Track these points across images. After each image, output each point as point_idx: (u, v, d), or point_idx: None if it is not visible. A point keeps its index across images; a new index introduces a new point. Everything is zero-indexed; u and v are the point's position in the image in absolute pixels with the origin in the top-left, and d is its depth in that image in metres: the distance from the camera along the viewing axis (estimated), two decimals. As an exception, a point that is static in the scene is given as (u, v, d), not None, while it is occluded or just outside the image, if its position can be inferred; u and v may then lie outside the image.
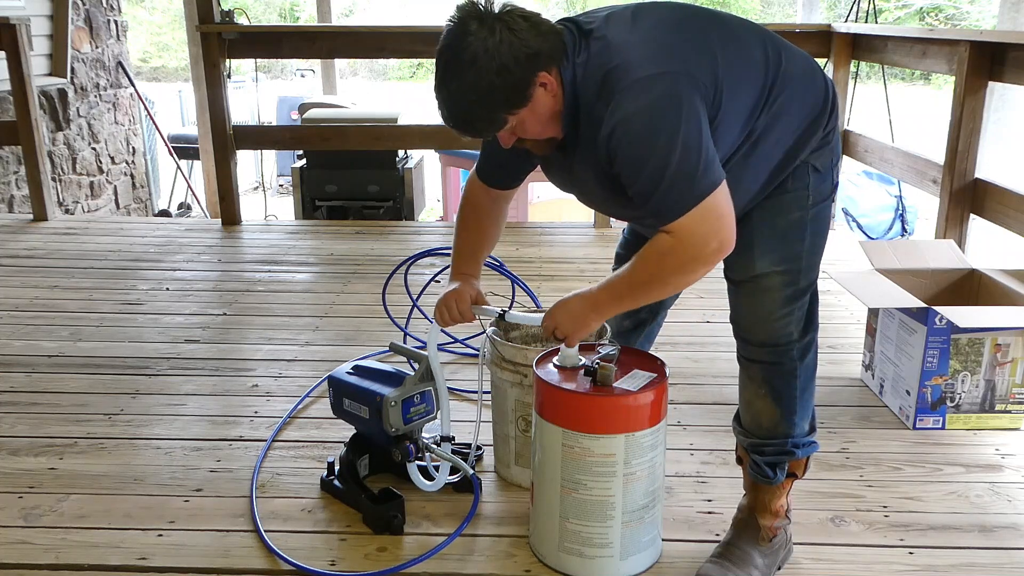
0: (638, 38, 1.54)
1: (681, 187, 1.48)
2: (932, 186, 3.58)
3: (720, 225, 1.51)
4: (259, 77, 6.48)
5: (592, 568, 1.77)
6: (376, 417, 1.93)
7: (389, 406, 1.90)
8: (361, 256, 4.16)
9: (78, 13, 6.22)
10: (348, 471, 2.05)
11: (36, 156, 4.63)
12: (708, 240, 1.51)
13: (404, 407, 1.92)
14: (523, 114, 1.57)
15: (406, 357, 2.13)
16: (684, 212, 1.49)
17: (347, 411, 2.04)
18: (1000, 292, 2.59)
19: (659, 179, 1.48)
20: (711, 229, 1.51)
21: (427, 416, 1.98)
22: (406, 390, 1.93)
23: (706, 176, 1.48)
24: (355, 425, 2.08)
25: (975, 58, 3.27)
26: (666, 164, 1.47)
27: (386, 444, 1.97)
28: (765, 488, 1.80)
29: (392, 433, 1.92)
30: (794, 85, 1.61)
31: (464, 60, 1.52)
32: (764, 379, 1.73)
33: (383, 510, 1.94)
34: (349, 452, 2.07)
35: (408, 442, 1.93)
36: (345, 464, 2.06)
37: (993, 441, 2.37)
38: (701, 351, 2.97)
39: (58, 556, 1.86)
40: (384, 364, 2.11)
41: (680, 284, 1.62)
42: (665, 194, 1.49)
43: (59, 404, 2.58)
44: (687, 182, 1.48)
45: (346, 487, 2.05)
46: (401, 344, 2.15)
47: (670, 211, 1.50)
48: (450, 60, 1.54)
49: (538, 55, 1.53)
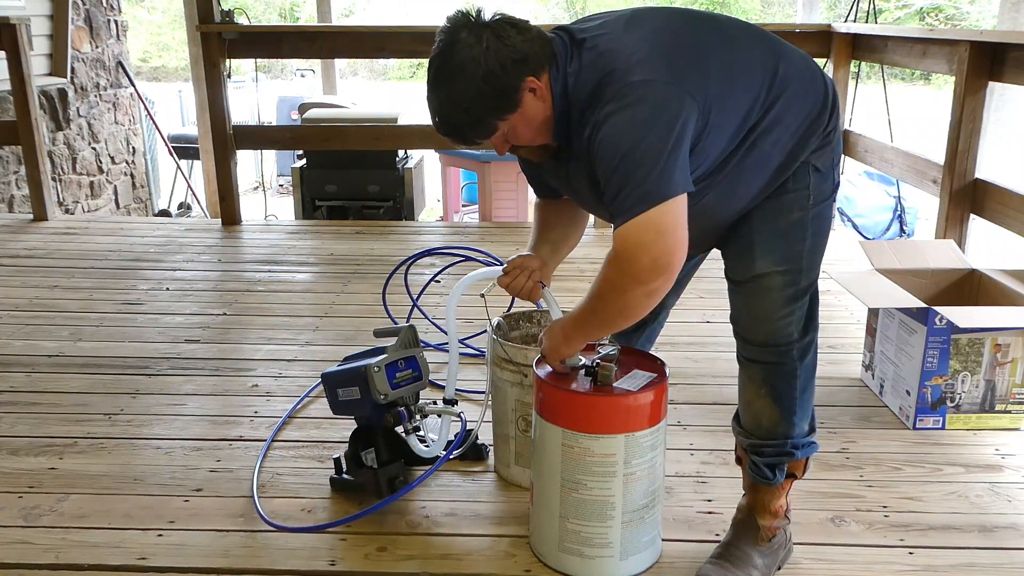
0: (631, 46, 1.55)
1: (631, 190, 1.48)
2: (932, 186, 3.58)
3: (657, 240, 1.46)
4: (259, 77, 6.48)
5: (592, 568, 1.77)
6: (366, 392, 1.94)
7: (373, 372, 1.92)
8: (361, 256, 4.16)
9: (78, 13, 6.22)
10: (353, 462, 2.05)
11: (36, 156, 4.64)
12: (640, 255, 1.47)
13: (389, 372, 1.95)
14: (513, 119, 1.60)
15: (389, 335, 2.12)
16: (628, 217, 1.48)
17: (343, 402, 2.04)
18: (1000, 292, 2.59)
19: (615, 178, 1.50)
20: (645, 242, 1.46)
21: (416, 382, 2.00)
22: (389, 357, 1.96)
23: (659, 185, 1.47)
24: (353, 413, 2.07)
25: (975, 58, 3.27)
26: (625, 164, 1.48)
27: (378, 420, 1.99)
28: (765, 488, 1.80)
29: (382, 401, 1.93)
30: (793, 86, 1.61)
31: (452, 68, 1.55)
32: (764, 379, 1.72)
33: (384, 472, 1.97)
34: (352, 445, 2.07)
35: (399, 407, 1.95)
36: (350, 457, 2.06)
37: (993, 441, 2.37)
38: (701, 351, 2.97)
39: (58, 556, 1.86)
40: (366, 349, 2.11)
41: (621, 305, 1.54)
42: (616, 194, 1.50)
43: (59, 404, 2.58)
44: (638, 186, 1.47)
45: (353, 475, 2.06)
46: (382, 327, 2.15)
47: (618, 213, 1.51)
48: (439, 69, 1.58)
49: (525, 60, 1.56)
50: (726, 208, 1.66)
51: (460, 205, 6.57)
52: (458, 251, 3.09)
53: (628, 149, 1.48)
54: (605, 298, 1.57)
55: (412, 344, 2.02)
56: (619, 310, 1.56)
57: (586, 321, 1.66)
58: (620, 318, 1.60)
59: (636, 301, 1.52)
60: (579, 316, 1.67)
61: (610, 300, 1.56)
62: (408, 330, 2.02)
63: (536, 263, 1.92)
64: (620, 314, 1.58)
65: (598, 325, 1.66)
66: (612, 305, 1.56)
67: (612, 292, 1.55)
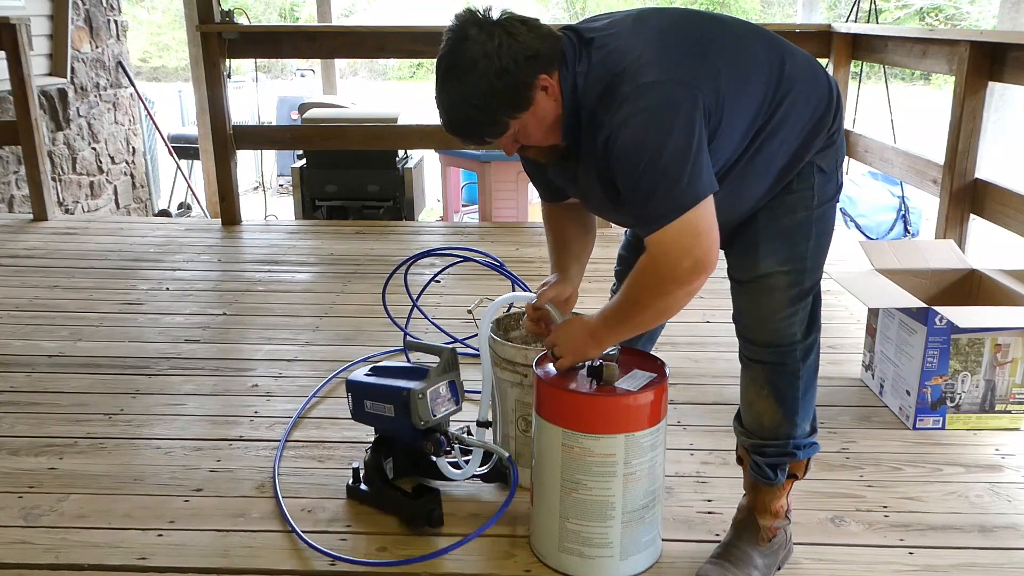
0: (640, 46, 1.54)
1: (662, 197, 1.48)
2: (932, 186, 3.58)
3: (696, 243, 1.49)
4: (259, 77, 6.48)
5: (592, 568, 1.77)
6: (403, 413, 1.90)
7: (417, 399, 1.87)
8: (361, 256, 4.16)
9: (78, 13, 6.22)
10: (376, 473, 2.03)
11: (36, 156, 4.64)
12: (681, 258, 1.49)
13: (430, 399, 1.90)
14: (525, 118, 1.58)
15: (424, 352, 2.09)
16: (662, 223, 1.48)
17: (369, 413, 2.00)
18: (1000, 292, 2.59)
19: (642, 186, 1.49)
20: (685, 246, 1.49)
21: (454, 407, 1.96)
22: (432, 382, 1.91)
23: (690, 189, 1.47)
24: (379, 426, 2.04)
25: (975, 58, 3.27)
26: (651, 171, 1.47)
27: (411, 441, 1.94)
28: (765, 489, 1.80)
29: (421, 427, 1.89)
30: (798, 86, 1.61)
31: (463, 65, 1.53)
32: (766, 380, 1.72)
33: (421, 504, 1.93)
34: (375, 455, 2.04)
35: (439, 434, 1.91)
36: (372, 467, 2.03)
37: (993, 441, 2.37)
38: (701, 351, 2.97)
39: (58, 556, 1.86)
40: (397, 363, 2.09)
41: (663, 307, 1.57)
42: (646, 202, 1.50)
43: (59, 404, 2.58)
44: (668, 192, 1.47)
45: (375, 489, 2.03)
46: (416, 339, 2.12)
47: (650, 220, 1.51)
48: (450, 66, 1.55)
49: (537, 57, 1.54)
50: (733, 208, 1.65)
51: (460, 205, 6.57)
52: (457, 252, 3.08)
53: (653, 156, 1.46)
54: (644, 302, 1.58)
55: (452, 368, 1.97)
56: (660, 311, 1.59)
57: (620, 323, 1.65)
58: (660, 318, 1.64)
59: (678, 301, 1.55)
60: (611, 317, 1.66)
61: (651, 303, 1.57)
62: (450, 353, 1.97)
63: (568, 291, 1.88)
64: (661, 315, 1.61)
65: (634, 327, 1.67)
66: (653, 307, 1.58)
67: (652, 295, 1.56)
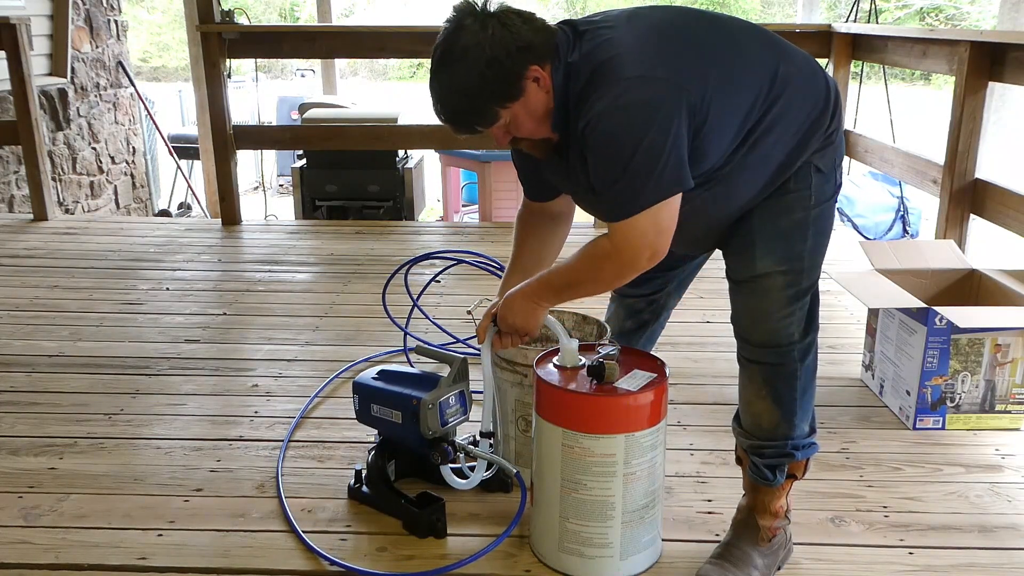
0: (631, 40, 1.55)
1: (630, 191, 1.52)
2: (932, 186, 3.58)
3: (658, 238, 1.56)
4: (259, 77, 6.48)
5: (592, 568, 1.77)
6: (411, 421, 1.90)
7: (427, 408, 1.87)
8: (361, 256, 4.16)
9: (78, 13, 6.22)
10: (380, 477, 2.02)
11: (36, 156, 4.64)
12: (642, 251, 1.57)
13: (440, 409, 1.90)
14: (515, 108, 1.59)
15: (436, 359, 2.09)
16: (626, 216, 1.54)
17: (375, 417, 2.00)
18: (1000, 292, 2.59)
19: (612, 178, 1.53)
20: (647, 242, 1.56)
21: (461, 417, 1.96)
22: (442, 392, 1.91)
23: (660, 186, 1.52)
24: (383, 430, 2.03)
25: (975, 58, 3.27)
26: (622, 164, 1.50)
27: (417, 448, 1.94)
28: (765, 489, 1.80)
29: (429, 436, 1.89)
30: (794, 86, 1.61)
31: (455, 53, 1.56)
32: (765, 380, 1.72)
33: (426, 514, 1.92)
34: (378, 458, 2.03)
35: (445, 444, 1.91)
36: (376, 470, 2.03)
37: (993, 441, 2.37)
38: (701, 351, 2.97)
39: (58, 556, 1.86)
40: (405, 367, 2.08)
41: (614, 285, 1.75)
42: (614, 193, 1.54)
43: (59, 404, 2.58)
44: (636, 187, 1.51)
45: (379, 493, 2.02)
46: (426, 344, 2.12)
47: (615, 211, 1.56)
48: (443, 54, 1.58)
49: (530, 48, 1.56)
50: (727, 206, 1.66)
51: (460, 205, 6.56)
52: (455, 255, 3.08)
53: (628, 148, 1.49)
54: (600, 279, 1.66)
55: (462, 378, 1.96)
56: (606, 285, 1.71)
57: (567, 289, 1.73)
58: (602, 290, 1.74)
59: (625, 280, 1.68)
60: (558, 282, 1.72)
61: (601, 279, 1.66)
62: (461, 363, 1.96)
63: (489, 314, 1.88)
64: (606, 287, 1.73)
65: (577, 296, 1.74)
66: (601, 283, 1.68)
67: (605, 274, 1.64)
